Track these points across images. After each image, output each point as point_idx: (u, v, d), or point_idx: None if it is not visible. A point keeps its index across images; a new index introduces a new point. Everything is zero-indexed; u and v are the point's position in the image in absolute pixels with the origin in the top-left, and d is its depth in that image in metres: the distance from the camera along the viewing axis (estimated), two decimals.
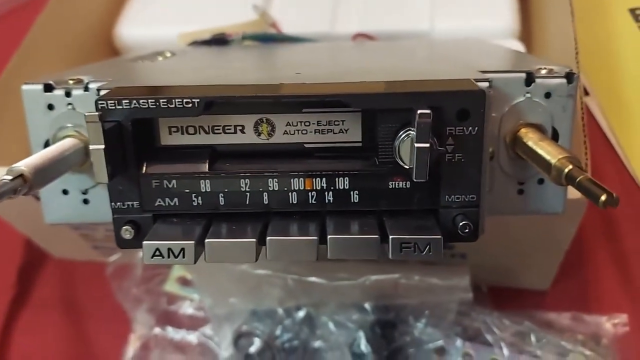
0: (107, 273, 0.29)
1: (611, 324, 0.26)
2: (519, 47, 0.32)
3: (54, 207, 0.19)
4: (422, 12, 0.34)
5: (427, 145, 0.14)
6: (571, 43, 0.26)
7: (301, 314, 0.25)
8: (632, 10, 0.39)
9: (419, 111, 0.13)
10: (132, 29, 0.37)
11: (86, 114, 0.14)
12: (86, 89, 0.17)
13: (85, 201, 0.19)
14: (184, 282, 0.29)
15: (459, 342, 0.25)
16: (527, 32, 0.34)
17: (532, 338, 0.25)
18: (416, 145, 0.14)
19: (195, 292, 0.29)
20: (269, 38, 0.31)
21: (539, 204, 0.18)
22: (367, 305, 0.24)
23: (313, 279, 0.24)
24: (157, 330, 0.28)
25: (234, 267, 0.25)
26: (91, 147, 0.14)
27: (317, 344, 0.25)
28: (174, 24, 0.35)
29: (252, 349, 0.25)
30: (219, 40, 0.31)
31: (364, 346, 0.24)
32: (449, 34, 0.33)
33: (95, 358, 0.29)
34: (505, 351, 0.25)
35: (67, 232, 0.30)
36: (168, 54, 0.26)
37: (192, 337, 0.28)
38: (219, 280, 0.26)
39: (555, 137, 0.18)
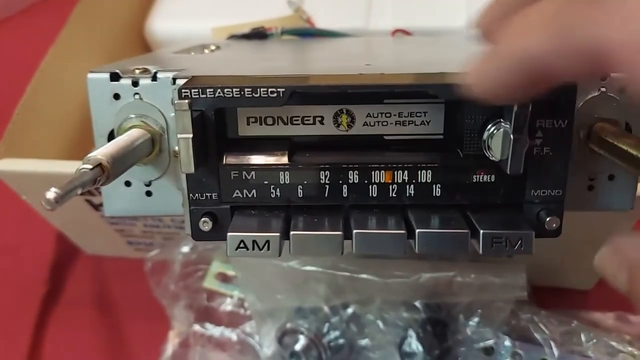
0: (145, 269, 0.29)
1: None
2: None
3: (116, 199, 0.18)
4: (457, 8, 0.34)
5: (525, 136, 0.13)
6: None
7: (349, 311, 0.25)
8: None
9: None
10: (163, 23, 0.37)
11: (175, 102, 0.14)
12: (154, 78, 0.17)
13: (148, 193, 0.18)
14: (224, 278, 0.29)
15: (508, 341, 0.24)
16: None
17: (582, 337, 0.25)
18: (513, 136, 0.13)
19: (236, 289, 0.28)
20: (308, 33, 0.31)
21: (609, 200, 0.18)
22: (417, 304, 0.24)
23: (364, 275, 0.24)
24: (196, 327, 0.28)
25: (280, 264, 0.25)
26: (179, 135, 0.14)
27: (364, 342, 0.25)
28: (205, 19, 0.35)
29: (298, 347, 0.25)
30: (259, 34, 0.30)
31: (415, 345, 0.24)
32: None
33: (132, 355, 0.29)
34: (555, 351, 0.24)
35: (103, 227, 0.30)
36: (213, 47, 0.26)
37: (232, 335, 0.28)
38: (263, 276, 0.26)
39: (628, 131, 0.18)
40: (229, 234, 0.14)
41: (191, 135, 0.14)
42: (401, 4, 0.35)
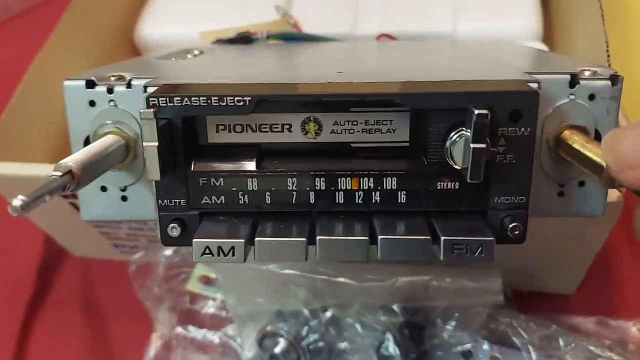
0: (129, 272, 0.29)
1: (637, 329, 0.26)
2: (544, 49, 0.32)
3: (92, 204, 0.19)
4: (443, 14, 0.34)
5: (484, 146, 0.14)
6: (602, 46, 0.26)
7: (328, 315, 0.25)
8: None
9: (477, 112, 0.13)
10: (153, 28, 0.37)
11: (141, 111, 0.14)
12: (129, 86, 0.17)
13: (124, 198, 0.18)
14: (207, 281, 0.29)
15: (486, 345, 0.25)
16: (549, 34, 0.34)
17: (561, 342, 0.25)
18: (472, 146, 0.14)
19: (218, 292, 0.28)
20: (294, 37, 0.31)
21: (580, 206, 0.18)
22: (395, 307, 0.24)
23: (342, 279, 0.24)
24: (179, 329, 0.28)
25: (260, 267, 0.25)
26: (145, 144, 0.14)
27: (343, 345, 0.25)
28: (194, 24, 0.35)
29: (277, 350, 0.25)
30: (244, 39, 0.31)
31: (392, 349, 0.24)
32: (470, 36, 0.33)
33: (115, 357, 0.29)
34: (534, 355, 0.24)
35: (88, 230, 0.30)
36: (196, 52, 0.26)
37: (215, 337, 0.28)
38: (244, 279, 0.26)
39: (598, 139, 0.18)
40: (194, 240, 0.15)
41: (157, 144, 0.14)
42: (388, 10, 0.35)
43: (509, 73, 0.17)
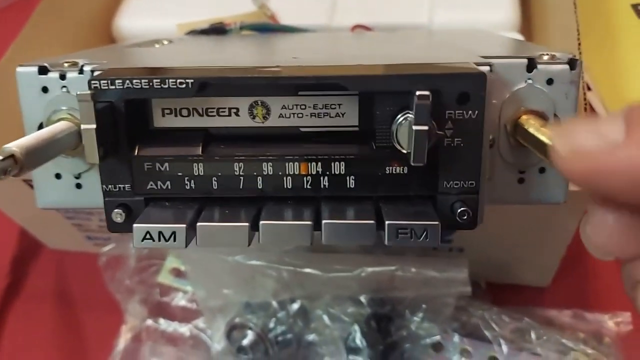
0: (99, 264, 0.29)
1: (614, 322, 0.26)
2: (520, 39, 0.31)
3: (46, 191, 0.18)
4: (420, 5, 0.34)
5: (426, 128, 0.13)
6: (574, 37, 0.25)
7: (295, 306, 0.25)
8: (635, 6, 0.38)
9: (418, 93, 0.13)
10: (131, 21, 0.37)
11: (78, 92, 0.14)
12: (81, 71, 0.17)
13: (78, 185, 0.18)
14: (178, 273, 0.29)
15: (456, 337, 0.24)
16: (527, 25, 0.34)
17: (532, 335, 0.24)
18: (414, 128, 0.13)
19: (189, 284, 0.28)
20: (267, 28, 0.31)
21: (541, 193, 0.18)
22: (362, 298, 0.24)
23: (308, 270, 0.24)
24: (149, 322, 0.28)
25: (228, 258, 0.25)
26: (82, 126, 0.14)
27: (311, 337, 0.25)
28: (173, 16, 0.35)
29: (245, 342, 0.25)
30: (217, 30, 0.30)
31: (359, 340, 0.23)
32: (447, 27, 0.32)
33: (87, 349, 0.29)
34: (505, 348, 0.24)
35: (61, 222, 0.30)
36: (165, 42, 0.26)
37: (185, 330, 0.28)
38: (212, 271, 0.26)
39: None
40: (134, 225, 0.14)
41: (94, 126, 0.14)
42: (365, 1, 0.35)
43: (465, 57, 0.17)
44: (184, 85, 0.14)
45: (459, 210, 0.15)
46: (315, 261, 0.24)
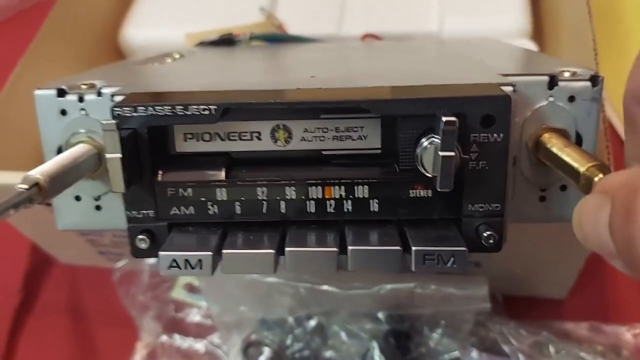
0: (113, 279, 0.29)
1: (631, 335, 0.26)
2: (532, 47, 0.31)
3: (66, 213, 0.18)
4: (430, 13, 0.34)
5: (453, 154, 0.13)
6: (589, 44, 0.25)
7: (312, 323, 0.25)
8: None
9: (445, 119, 0.13)
10: (138, 31, 0.37)
11: (103, 122, 0.14)
12: (99, 94, 0.17)
13: (98, 207, 0.18)
14: (191, 289, 0.29)
15: (474, 353, 0.24)
16: (538, 31, 0.34)
17: (551, 349, 0.24)
18: (441, 154, 0.13)
19: (203, 300, 0.28)
20: (276, 38, 0.31)
21: (562, 210, 0.18)
22: (380, 315, 0.24)
23: (326, 287, 0.24)
24: (164, 338, 0.28)
25: (244, 275, 0.25)
26: (108, 156, 0.14)
27: (328, 354, 0.24)
28: (179, 26, 0.35)
29: (262, 359, 0.25)
30: (227, 41, 0.30)
31: (377, 357, 0.23)
32: (458, 35, 0.32)
33: None
34: None
35: (74, 238, 0.30)
36: (176, 55, 0.26)
37: (200, 346, 0.28)
38: (227, 287, 0.25)
39: (579, 142, 0.17)
40: (160, 253, 0.14)
41: (120, 155, 0.14)
42: (374, 9, 0.35)
43: (484, 75, 0.17)
44: (207, 112, 0.14)
45: (484, 234, 0.15)
46: (333, 278, 0.24)
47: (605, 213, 0.11)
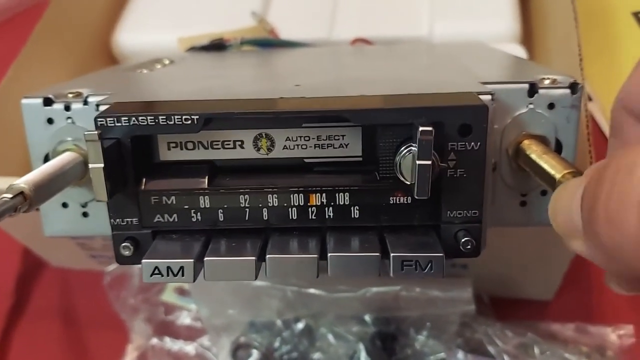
0: (104, 283, 0.29)
1: (616, 335, 0.26)
2: (520, 51, 0.32)
3: (53, 220, 0.19)
4: (420, 17, 0.34)
5: (429, 162, 0.13)
6: (575, 49, 0.25)
7: (300, 325, 0.25)
8: (636, 14, 0.38)
9: (421, 128, 0.13)
10: (130, 36, 0.37)
11: (85, 133, 0.14)
12: (85, 102, 0.17)
13: (85, 214, 0.18)
14: (182, 292, 0.29)
15: (460, 354, 0.24)
16: (528, 36, 0.34)
17: (536, 350, 0.25)
18: (417, 162, 0.14)
19: (193, 303, 0.28)
20: (268, 43, 0.31)
21: (543, 215, 0.18)
22: (367, 318, 0.24)
23: (312, 290, 0.24)
24: (154, 340, 0.28)
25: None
26: (91, 165, 0.14)
27: (316, 356, 0.25)
28: (172, 31, 0.35)
29: None
30: (217, 46, 0.30)
31: (364, 359, 0.24)
32: (448, 39, 0.32)
33: None
34: None
35: (65, 242, 0.30)
36: (166, 61, 0.26)
37: (190, 348, 0.28)
38: (216, 291, 0.26)
39: (558, 148, 0.18)
40: (143, 261, 0.15)
41: (102, 165, 0.14)
42: (365, 14, 0.35)
43: (465, 83, 0.17)
44: (189, 122, 0.14)
45: (462, 240, 0.15)
46: (319, 281, 0.24)
47: (581, 189, 0.12)
